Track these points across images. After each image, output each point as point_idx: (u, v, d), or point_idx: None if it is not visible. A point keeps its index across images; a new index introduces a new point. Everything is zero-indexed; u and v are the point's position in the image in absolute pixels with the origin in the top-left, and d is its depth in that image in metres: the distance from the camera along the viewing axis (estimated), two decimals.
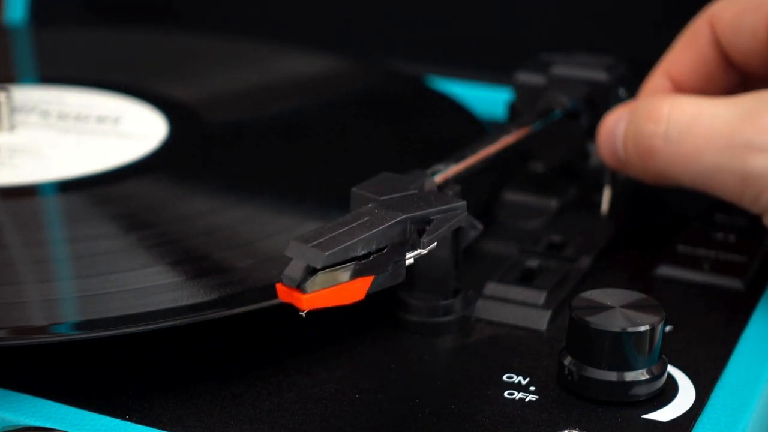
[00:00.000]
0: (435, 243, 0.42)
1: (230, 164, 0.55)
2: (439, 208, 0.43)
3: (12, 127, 0.58)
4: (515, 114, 0.56)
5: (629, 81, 0.55)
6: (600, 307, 0.42)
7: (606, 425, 0.41)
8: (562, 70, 0.55)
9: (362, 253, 0.40)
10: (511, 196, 0.55)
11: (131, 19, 0.80)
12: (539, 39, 0.70)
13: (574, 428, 0.41)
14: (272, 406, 0.42)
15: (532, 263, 0.49)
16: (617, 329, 0.42)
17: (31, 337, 0.42)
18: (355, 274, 0.40)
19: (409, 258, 0.42)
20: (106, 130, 0.58)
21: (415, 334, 0.46)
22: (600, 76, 0.55)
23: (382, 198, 0.43)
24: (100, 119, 0.59)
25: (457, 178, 0.47)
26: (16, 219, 0.50)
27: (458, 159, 0.48)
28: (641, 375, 0.42)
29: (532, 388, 0.43)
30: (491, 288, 0.48)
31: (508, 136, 0.51)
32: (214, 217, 0.50)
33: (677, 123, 0.47)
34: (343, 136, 0.59)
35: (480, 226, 0.47)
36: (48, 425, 0.41)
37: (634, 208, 0.55)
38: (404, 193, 0.43)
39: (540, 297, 0.47)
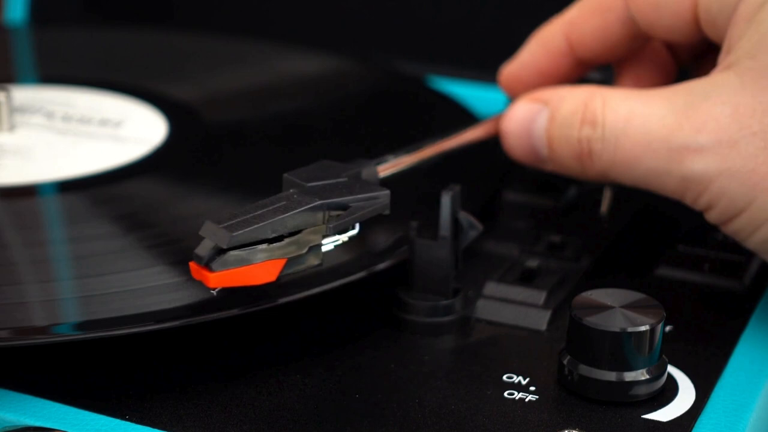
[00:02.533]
0: (355, 230, 0.43)
1: (230, 164, 0.55)
2: (357, 196, 0.43)
3: (12, 127, 0.58)
4: None
5: None
6: (600, 307, 0.42)
7: (606, 425, 0.41)
8: None
9: (273, 236, 0.41)
10: (511, 196, 0.55)
11: (131, 19, 0.80)
12: None
13: (574, 428, 0.41)
14: (272, 406, 0.42)
15: (532, 263, 0.49)
16: (617, 329, 0.42)
17: (33, 337, 0.42)
18: (264, 257, 0.41)
19: (328, 243, 0.42)
20: (106, 130, 0.58)
21: (415, 334, 0.46)
22: (596, 75, 0.55)
23: (308, 184, 0.43)
24: (101, 119, 0.59)
25: (406, 170, 0.48)
26: (16, 219, 0.50)
27: (410, 151, 0.48)
28: (641, 375, 0.42)
29: (532, 388, 0.43)
30: (491, 288, 0.48)
31: (466, 133, 0.51)
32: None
33: (612, 125, 0.46)
34: (343, 136, 0.59)
35: (480, 226, 0.47)
36: (48, 425, 0.41)
37: (634, 208, 0.55)
38: (331, 181, 0.44)
39: (540, 297, 0.47)
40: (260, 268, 0.41)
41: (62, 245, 0.48)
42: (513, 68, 0.54)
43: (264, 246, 0.41)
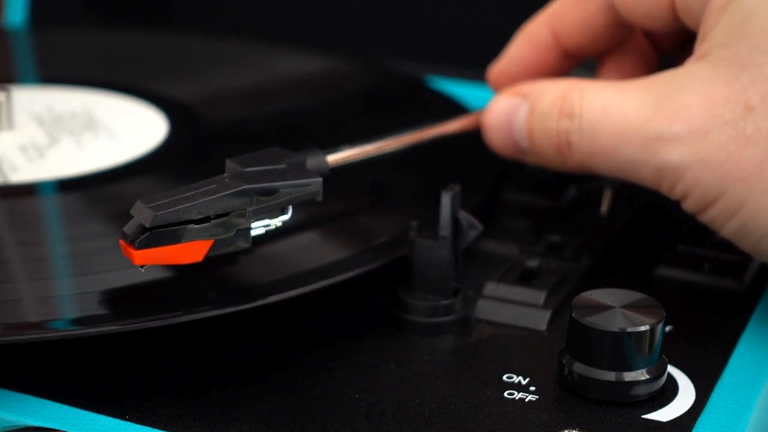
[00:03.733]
0: (287, 215, 0.44)
1: None
2: (287, 182, 0.44)
3: (12, 127, 0.58)
4: None
5: None
6: (600, 307, 0.42)
7: (606, 425, 0.41)
8: None
9: (198, 217, 0.42)
10: (511, 196, 0.55)
11: (131, 19, 0.80)
12: None
13: (574, 428, 0.41)
14: (272, 406, 0.42)
15: (532, 263, 0.49)
16: (617, 329, 0.42)
17: (29, 333, 0.42)
18: (189, 237, 0.42)
19: (258, 227, 0.43)
20: (106, 130, 0.58)
21: (415, 334, 0.46)
22: (592, 75, 0.55)
23: (246, 169, 0.44)
24: (101, 119, 0.59)
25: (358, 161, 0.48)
26: (16, 219, 0.50)
27: (364, 143, 0.49)
28: (641, 375, 0.42)
29: (532, 388, 0.43)
30: (491, 288, 0.48)
31: (423, 131, 0.51)
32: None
33: (589, 116, 0.47)
34: (343, 136, 0.59)
35: (480, 226, 0.47)
36: (48, 425, 0.41)
37: (634, 208, 0.55)
38: (268, 167, 0.44)
39: (540, 297, 0.47)
40: (186, 248, 0.42)
41: (62, 245, 0.48)
42: (501, 65, 0.54)
43: (189, 227, 0.42)
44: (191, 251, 0.42)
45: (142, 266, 0.42)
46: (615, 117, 0.46)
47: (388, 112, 0.62)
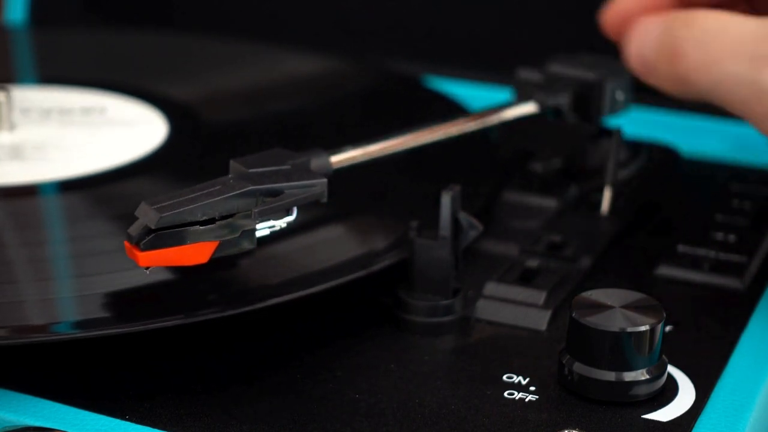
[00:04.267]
0: (292, 216, 0.44)
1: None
2: (292, 183, 0.43)
3: (12, 127, 0.58)
4: None
5: (627, 82, 0.55)
6: (600, 307, 0.42)
7: (606, 425, 0.41)
8: (557, 68, 0.55)
9: (203, 218, 0.42)
10: (511, 196, 0.55)
11: (131, 19, 0.80)
12: (539, 39, 0.70)
13: (574, 428, 0.41)
14: (272, 406, 0.42)
15: (532, 263, 0.49)
16: (617, 329, 0.42)
17: (32, 336, 0.42)
18: (194, 238, 0.41)
19: (263, 228, 0.43)
20: (106, 130, 0.58)
21: (415, 334, 0.46)
22: (590, 75, 0.55)
23: (250, 170, 0.44)
24: (100, 119, 0.59)
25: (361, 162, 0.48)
26: (16, 219, 0.50)
27: (367, 144, 0.49)
28: (641, 375, 0.42)
29: (532, 388, 0.43)
30: (491, 288, 0.48)
31: (427, 131, 0.51)
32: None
33: (708, 29, 0.48)
34: (343, 136, 0.59)
35: (480, 226, 0.47)
36: (48, 425, 0.41)
37: (634, 208, 0.55)
38: (273, 168, 0.44)
39: (540, 297, 0.47)
40: (191, 250, 0.42)
41: (62, 245, 0.48)
42: (617, 7, 0.55)
43: (194, 228, 0.42)
44: (196, 252, 0.42)
45: (147, 268, 0.41)
46: (731, 34, 0.48)
47: (387, 112, 0.62)
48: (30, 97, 0.61)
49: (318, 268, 0.46)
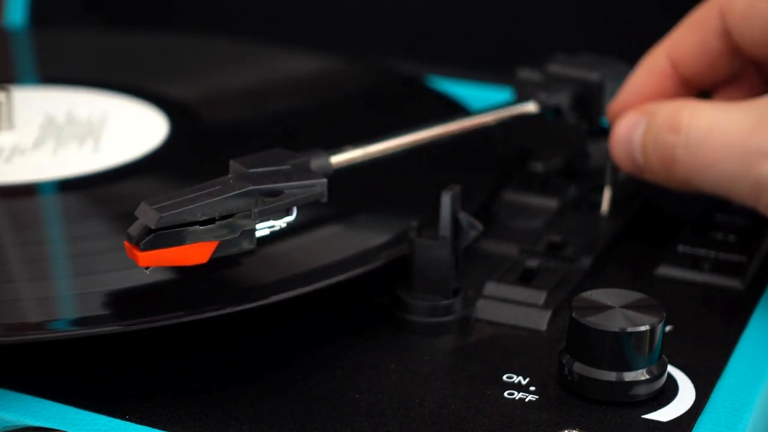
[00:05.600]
0: (292, 216, 0.44)
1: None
2: (292, 183, 0.43)
3: (12, 127, 0.58)
4: None
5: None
6: (600, 307, 0.42)
7: (606, 425, 0.41)
8: (557, 68, 0.55)
9: (202, 218, 0.42)
10: (511, 196, 0.55)
11: (131, 20, 0.80)
12: (539, 39, 0.70)
13: (574, 428, 0.41)
14: (272, 406, 0.42)
15: (532, 263, 0.49)
16: (617, 329, 0.42)
17: (28, 333, 0.42)
18: (193, 238, 0.41)
19: (263, 228, 0.43)
20: (106, 130, 0.58)
21: (415, 334, 0.46)
22: (590, 75, 0.55)
23: (250, 170, 0.44)
24: (101, 119, 0.59)
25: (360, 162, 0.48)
26: (16, 218, 0.50)
27: (367, 144, 0.49)
28: (641, 375, 0.42)
29: (532, 388, 0.43)
30: (491, 288, 0.48)
31: (426, 131, 0.51)
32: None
33: (696, 131, 0.48)
34: (343, 136, 0.59)
35: (480, 226, 0.47)
36: (48, 425, 0.41)
37: (634, 208, 0.55)
38: (273, 168, 0.44)
39: (540, 297, 0.47)
40: (191, 250, 0.42)
41: (62, 244, 0.48)
42: (620, 98, 0.54)
43: (194, 228, 0.42)
44: (196, 253, 0.42)
45: (147, 268, 0.41)
46: (719, 132, 0.47)
47: (388, 112, 0.62)
48: (30, 97, 0.61)
49: (317, 265, 0.46)
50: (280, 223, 0.44)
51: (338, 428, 0.41)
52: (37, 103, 0.60)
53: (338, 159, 0.47)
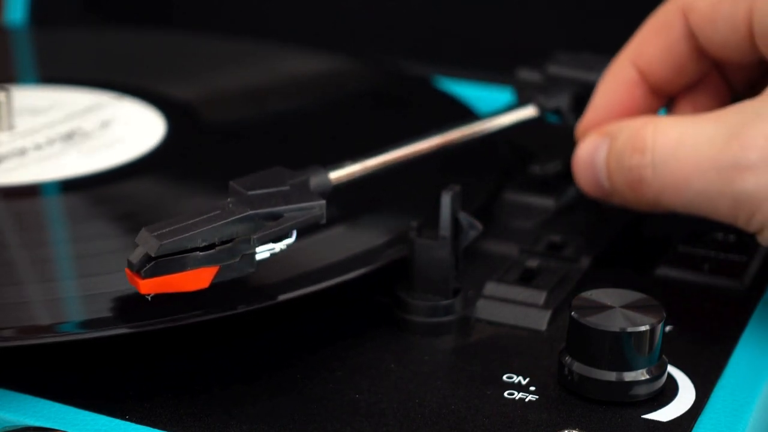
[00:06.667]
0: (292, 239, 0.44)
1: (230, 164, 0.55)
2: (292, 206, 0.44)
3: (11, 127, 0.58)
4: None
5: None
6: (600, 307, 0.42)
7: (606, 425, 0.41)
8: (557, 69, 0.55)
9: (203, 244, 0.42)
10: (511, 196, 0.55)
11: (131, 19, 0.80)
12: (539, 39, 0.70)
13: (574, 428, 0.41)
14: (272, 406, 0.42)
15: (532, 263, 0.49)
16: (617, 329, 0.42)
17: (35, 336, 0.42)
18: (194, 265, 0.41)
19: (263, 252, 0.43)
20: (106, 130, 0.58)
21: (415, 334, 0.46)
22: (590, 76, 0.54)
23: (249, 192, 0.44)
24: (100, 119, 0.59)
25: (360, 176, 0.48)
26: (16, 219, 0.50)
27: (367, 158, 0.49)
28: (641, 375, 0.42)
29: (532, 388, 0.43)
30: (491, 288, 0.48)
31: (425, 141, 0.51)
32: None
33: (662, 149, 0.46)
34: (345, 136, 0.59)
35: (480, 226, 0.47)
36: (48, 425, 0.41)
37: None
38: (272, 189, 0.44)
39: (540, 297, 0.47)
40: (192, 275, 0.42)
41: (62, 244, 0.48)
42: (588, 117, 0.52)
43: (194, 254, 0.42)
44: (197, 278, 0.42)
45: (148, 295, 0.41)
46: (688, 148, 0.45)
47: (391, 112, 0.62)
48: (30, 97, 0.61)
49: (317, 266, 0.46)
50: (280, 246, 0.44)
51: (338, 428, 0.41)
52: (37, 103, 0.60)
53: (338, 175, 0.47)
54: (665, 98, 0.52)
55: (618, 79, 0.51)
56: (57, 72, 0.65)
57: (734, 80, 0.53)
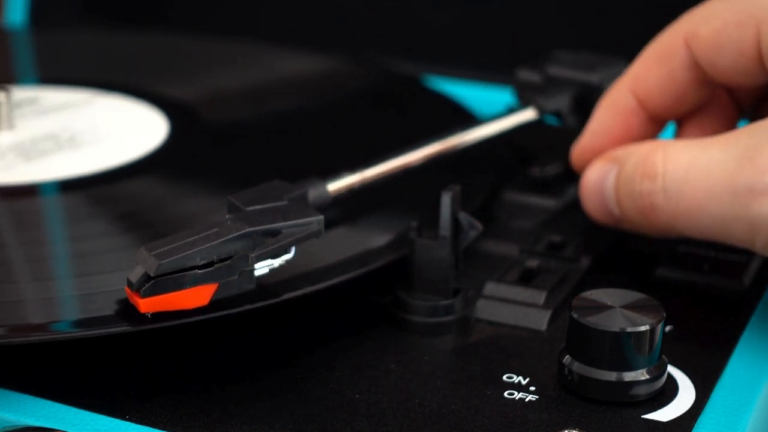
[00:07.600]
0: (290, 255, 0.44)
1: (230, 164, 0.55)
2: (289, 222, 0.44)
3: (12, 127, 0.58)
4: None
5: None
6: (600, 307, 0.42)
7: (606, 425, 0.41)
8: (556, 70, 0.55)
9: (201, 263, 0.42)
10: (511, 196, 0.55)
11: (131, 20, 0.80)
12: (539, 39, 0.70)
13: (574, 428, 0.41)
14: (272, 406, 0.42)
15: (532, 263, 0.49)
16: (617, 329, 0.42)
17: (32, 334, 0.42)
18: (193, 283, 0.42)
19: (262, 268, 0.43)
20: (106, 130, 0.58)
21: (415, 334, 0.46)
22: (590, 77, 0.54)
23: (247, 208, 0.44)
24: (101, 119, 0.59)
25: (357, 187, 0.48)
26: (16, 219, 0.50)
27: (365, 168, 0.49)
28: (641, 375, 0.42)
29: (532, 388, 0.43)
30: (491, 288, 0.48)
31: (424, 149, 0.51)
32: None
33: (673, 175, 0.45)
34: (343, 135, 0.59)
35: (480, 226, 0.47)
36: (48, 425, 0.41)
37: None
38: (270, 205, 0.44)
39: (540, 297, 0.47)
40: (191, 293, 0.42)
41: (62, 244, 0.48)
42: (584, 141, 0.52)
43: (193, 272, 0.42)
44: (196, 296, 0.42)
45: (148, 313, 0.41)
46: (700, 173, 0.44)
47: (387, 112, 0.62)
48: (30, 97, 0.61)
49: (317, 266, 0.46)
50: (279, 261, 0.44)
51: (338, 428, 0.41)
52: (37, 103, 0.60)
53: (336, 186, 0.47)
54: (664, 124, 0.52)
55: (616, 107, 0.51)
56: (57, 72, 0.65)
57: (741, 100, 0.52)
